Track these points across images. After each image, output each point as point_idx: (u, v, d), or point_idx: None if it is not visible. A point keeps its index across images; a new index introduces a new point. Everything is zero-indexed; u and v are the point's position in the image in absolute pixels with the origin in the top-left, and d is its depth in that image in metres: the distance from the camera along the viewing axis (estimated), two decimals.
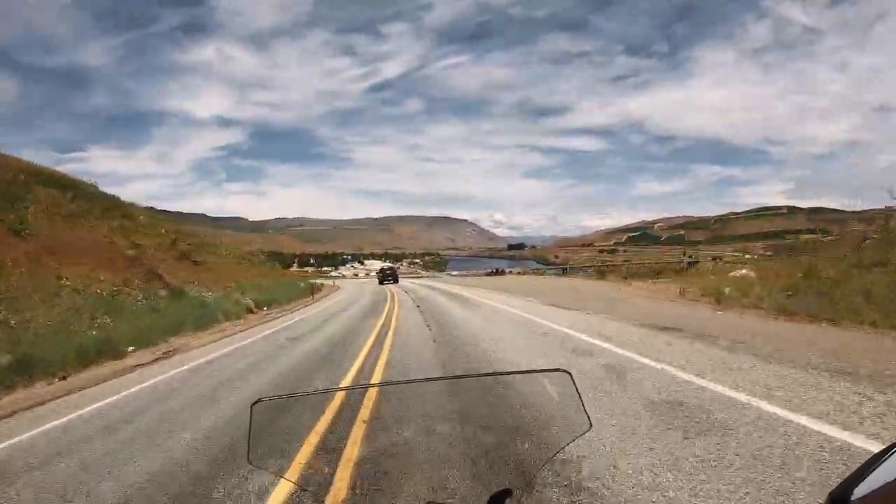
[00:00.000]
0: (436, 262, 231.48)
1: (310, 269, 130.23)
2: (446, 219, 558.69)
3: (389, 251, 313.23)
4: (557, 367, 1.42)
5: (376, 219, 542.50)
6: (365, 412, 4.29)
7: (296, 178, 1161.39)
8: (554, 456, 1.37)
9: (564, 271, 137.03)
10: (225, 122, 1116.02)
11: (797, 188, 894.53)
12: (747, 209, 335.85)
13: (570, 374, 1.15)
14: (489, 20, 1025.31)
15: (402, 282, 45.45)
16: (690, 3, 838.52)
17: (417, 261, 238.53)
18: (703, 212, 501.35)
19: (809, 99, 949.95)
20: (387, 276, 45.76)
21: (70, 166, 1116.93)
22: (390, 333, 10.78)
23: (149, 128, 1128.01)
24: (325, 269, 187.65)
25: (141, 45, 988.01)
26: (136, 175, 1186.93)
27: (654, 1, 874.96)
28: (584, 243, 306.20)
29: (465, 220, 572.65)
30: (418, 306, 17.54)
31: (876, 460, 0.81)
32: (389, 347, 8.93)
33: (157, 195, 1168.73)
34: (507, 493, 1.07)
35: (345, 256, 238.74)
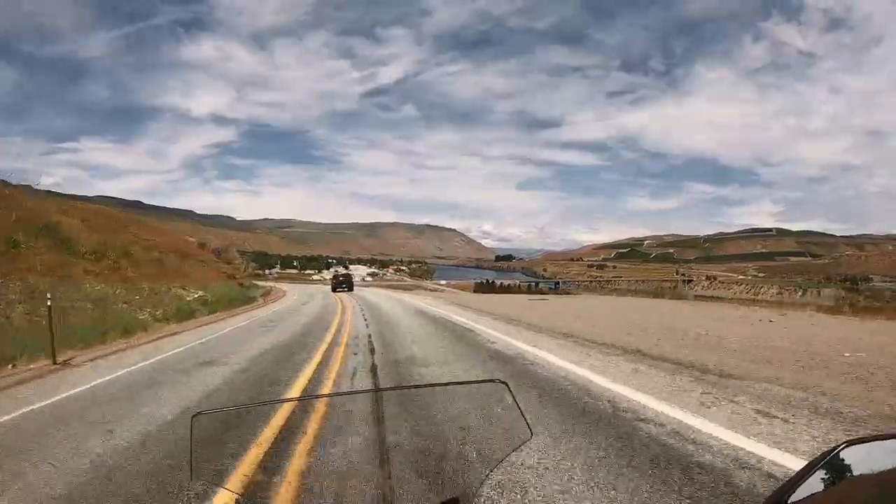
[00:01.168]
0: (423, 271, 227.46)
1: (250, 271, 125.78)
2: (435, 227, 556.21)
3: (376, 257, 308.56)
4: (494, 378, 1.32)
5: (365, 224, 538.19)
6: (312, 423, 4.17)
7: (287, 179, 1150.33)
8: (498, 464, 1.22)
9: (556, 286, 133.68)
10: (220, 120, 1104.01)
11: (787, 209, 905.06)
12: (737, 229, 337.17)
13: (506, 384, 1.19)
14: (488, 29, 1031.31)
15: (383, 301, 27.38)
16: (688, 22, 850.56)
17: (404, 268, 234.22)
18: (692, 230, 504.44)
19: (803, 121, 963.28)
20: (340, 284, 42.90)
21: (62, 157, 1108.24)
22: None
23: (143, 122, 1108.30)
24: (308, 271, 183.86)
25: (139, 39, 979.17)
26: (129, 169, 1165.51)
27: (651, 19, 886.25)
28: (573, 258, 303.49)
29: (454, 230, 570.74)
30: None
31: (811, 468, 0.82)
32: None
33: (151, 190, 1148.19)
34: (454, 501, 1.09)
35: (330, 260, 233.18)
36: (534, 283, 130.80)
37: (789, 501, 0.78)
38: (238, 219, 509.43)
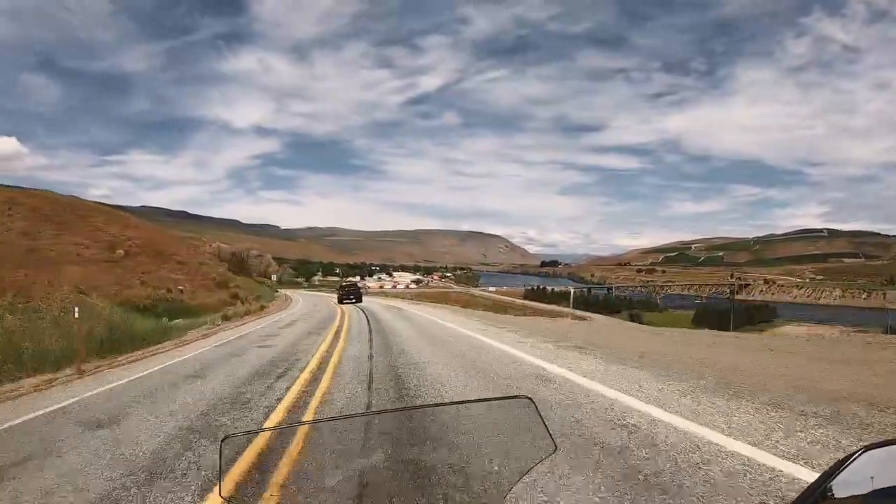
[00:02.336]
0: (468, 277, 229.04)
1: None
2: (479, 233, 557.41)
3: (420, 264, 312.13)
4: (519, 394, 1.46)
5: (408, 231, 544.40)
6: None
7: (330, 189, 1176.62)
8: (522, 478, 1.13)
9: (609, 290, 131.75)
10: (262, 131, 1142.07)
11: (834, 210, 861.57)
12: (785, 231, 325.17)
13: (531, 399, 1.20)
14: (527, 35, 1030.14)
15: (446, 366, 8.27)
16: (729, 21, 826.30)
17: (449, 274, 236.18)
18: (737, 233, 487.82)
19: (848, 119, 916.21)
20: (348, 295, 39.49)
21: (110, 169, 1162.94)
22: None
23: (187, 134, 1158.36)
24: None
25: (182, 53, 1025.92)
26: (175, 180, 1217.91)
27: (692, 19, 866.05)
28: (621, 262, 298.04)
29: (498, 236, 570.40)
30: None
31: (831, 473, 0.82)
32: None
33: (195, 200, 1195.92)
34: None
35: (373, 267, 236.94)
36: (586, 290, 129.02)
37: None
38: (282, 227, 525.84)
